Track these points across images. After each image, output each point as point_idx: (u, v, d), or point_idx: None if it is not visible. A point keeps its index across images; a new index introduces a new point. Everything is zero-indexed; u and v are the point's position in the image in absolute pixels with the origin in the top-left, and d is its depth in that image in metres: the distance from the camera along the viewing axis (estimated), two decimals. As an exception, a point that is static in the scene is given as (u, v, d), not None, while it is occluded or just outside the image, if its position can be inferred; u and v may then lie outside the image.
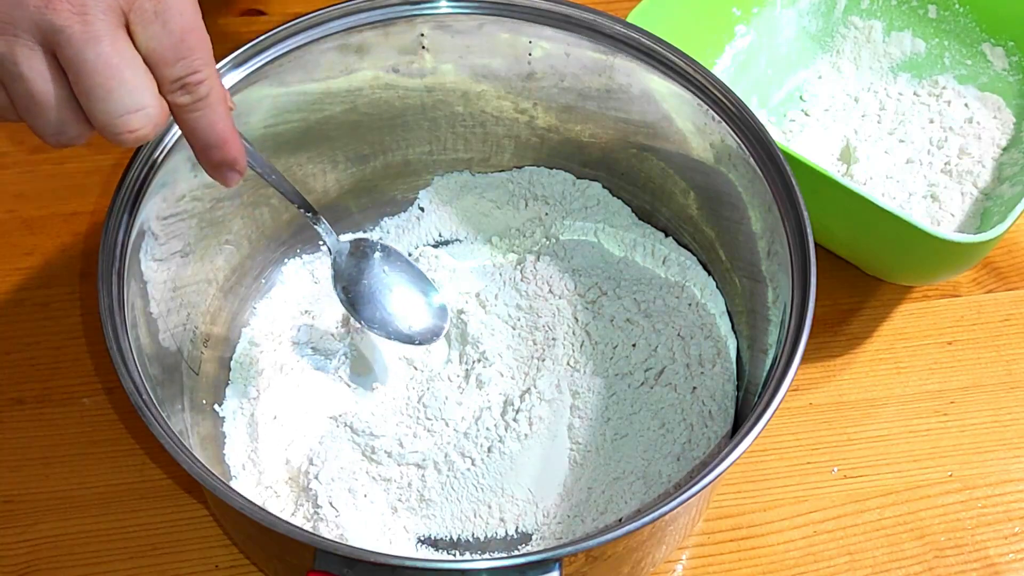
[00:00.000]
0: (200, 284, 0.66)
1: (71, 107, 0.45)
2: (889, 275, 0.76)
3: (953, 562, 0.67)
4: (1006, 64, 0.82)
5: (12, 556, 0.65)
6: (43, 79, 0.45)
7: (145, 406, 0.52)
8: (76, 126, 0.46)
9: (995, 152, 0.79)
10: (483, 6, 0.65)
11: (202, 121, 0.48)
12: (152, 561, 0.65)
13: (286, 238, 0.73)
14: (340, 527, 0.62)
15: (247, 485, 0.64)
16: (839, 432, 0.71)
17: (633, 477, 0.64)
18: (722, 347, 0.68)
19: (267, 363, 0.69)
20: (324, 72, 0.66)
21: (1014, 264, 0.79)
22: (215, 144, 0.49)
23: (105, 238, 0.57)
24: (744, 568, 0.66)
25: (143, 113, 0.45)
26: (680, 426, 0.66)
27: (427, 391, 0.67)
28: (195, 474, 0.50)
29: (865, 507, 0.68)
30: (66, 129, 0.46)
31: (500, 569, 0.48)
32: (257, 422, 0.66)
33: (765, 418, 0.52)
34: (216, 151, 0.49)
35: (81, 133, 0.47)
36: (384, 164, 0.74)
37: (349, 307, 0.65)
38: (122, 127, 0.45)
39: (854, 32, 0.85)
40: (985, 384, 0.74)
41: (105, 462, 0.68)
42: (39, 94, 0.45)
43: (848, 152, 0.79)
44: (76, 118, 0.46)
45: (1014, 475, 0.70)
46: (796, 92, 0.84)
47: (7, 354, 0.72)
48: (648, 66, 0.64)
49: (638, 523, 0.49)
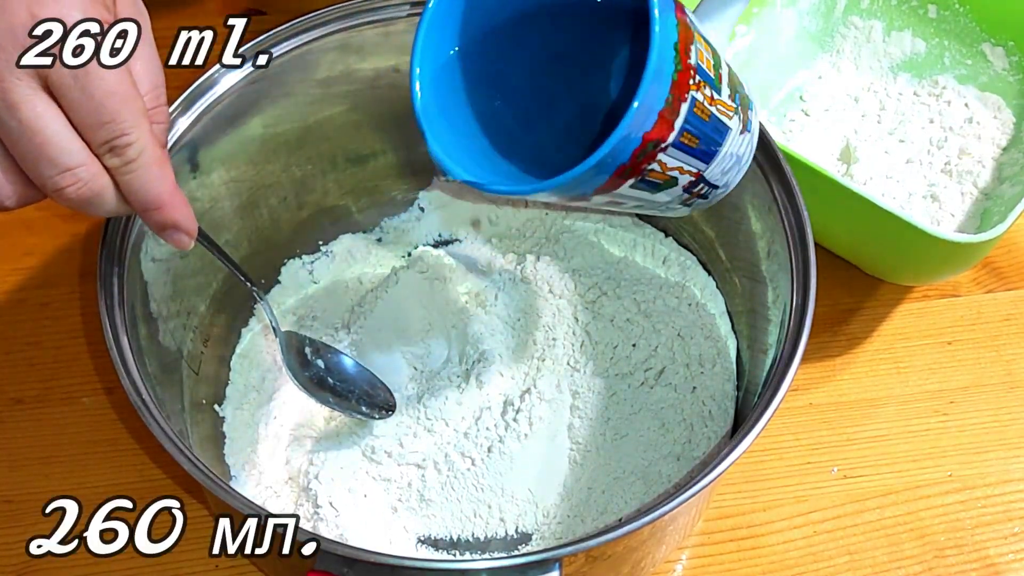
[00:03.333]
0: (200, 284, 0.67)
1: (12, 169, 0.46)
2: (889, 275, 0.76)
3: (953, 562, 0.67)
4: (1006, 64, 0.82)
5: (12, 556, 0.65)
6: None
7: (145, 406, 0.52)
8: (13, 187, 0.46)
9: (995, 152, 0.79)
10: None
11: (135, 183, 0.47)
12: (152, 560, 0.65)
13: (286, 238, 0.73)
14: (340, 527, 0.62)
15: (247, 485, 0.64)
16: (839, 432, 0.71)
17: (633, 477, 0.64)
18: (722, 347, 0.68)
19: (267, 363, 0.69)
20: (324, 72, 0.66)
21: (1014, 264, 0.79)
22: (153, 207, 0.48)
23: (105, 238, 0.57)
24: (744, 568, 0.66)
25: (76, 172, 0.45)
26: (680, 426, 0.66)
27: (427, 391, 0.67)
28: (195, 474, 0.50)
29: (865, 507, 0.68)
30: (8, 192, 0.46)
31: (500, 569, 0.48)
32: (257, 422, 0.66)
33: (765, 418, 0.52)
34: (155, 214, 0.49)
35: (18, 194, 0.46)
36: (384, 164, 0.74)
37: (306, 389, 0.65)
38: (60, 185, 0.45)
39: (854, 32, 0.85)
40: (985, 384, 0.74)
41: (105, 462, 0.68)
42: None
43: (848, 152, 0.79)
44: (15, 179, 0.46)
45: (1014, 475, 0.70)
46: (796, 92, 0.84)
47: (7, 354, 0.72)
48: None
49: (638, 523, 0.49)
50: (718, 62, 0.48)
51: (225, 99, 0.63)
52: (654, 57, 0.42)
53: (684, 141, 0.47)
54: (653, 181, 0.49)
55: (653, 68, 0.42)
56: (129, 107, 0.45)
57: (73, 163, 0.45)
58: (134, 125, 0.46)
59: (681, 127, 0.46)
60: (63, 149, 0.45)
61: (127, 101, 0.45)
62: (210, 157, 0.64)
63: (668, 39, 0.43)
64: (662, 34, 0.42)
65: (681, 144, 0.47)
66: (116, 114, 0.45)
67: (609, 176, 0.46)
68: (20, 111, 0.44)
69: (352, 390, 0.65)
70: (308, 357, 0.65)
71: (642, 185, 0.49)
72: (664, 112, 0.44)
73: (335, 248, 0.75)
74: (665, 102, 0.44)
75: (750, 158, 0.55)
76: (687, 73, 0.44)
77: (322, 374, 0.65)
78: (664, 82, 0.43)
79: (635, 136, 0.44)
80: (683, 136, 0.46)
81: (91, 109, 0.44)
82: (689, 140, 0.47)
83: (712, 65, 0.47)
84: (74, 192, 0.46)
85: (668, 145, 0.46)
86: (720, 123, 0.49)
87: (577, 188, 0.47)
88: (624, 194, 0.49)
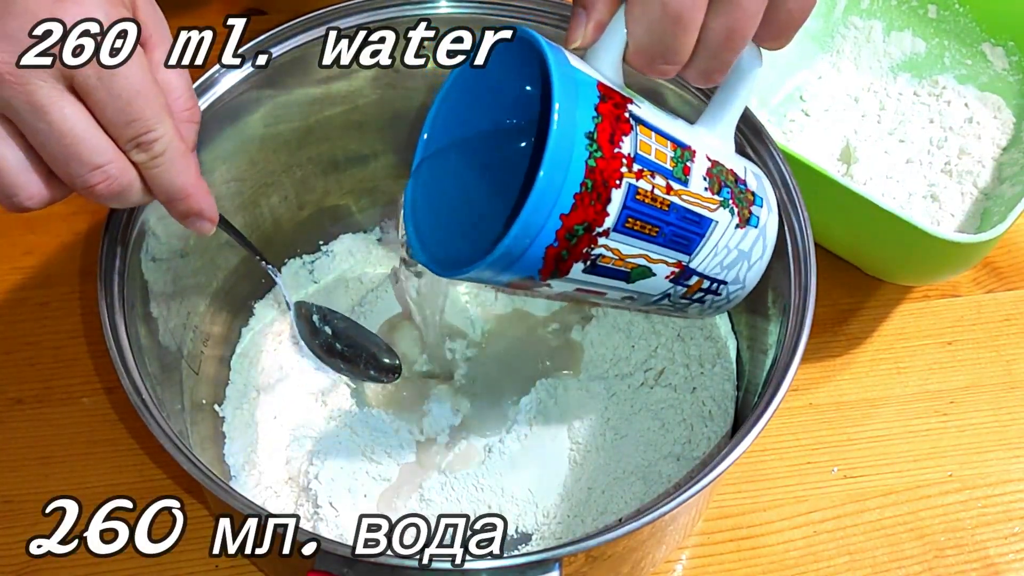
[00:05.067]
0: (200, 284, 0.67)
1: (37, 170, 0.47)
2: (889, 275, 0.76)
3: (953, 562, 0.67)
4: (1006, 64, 0.82)
5: (12, 556, 0.65)
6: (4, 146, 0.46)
7: (145, 406, 0.52)
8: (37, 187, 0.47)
9: (995, 152, 0.79)
10: (483, 6, 0.65)
11: (163, 176, 0.49)
12: (152, 560, 0.65)
13: (286, 238, 0.73)
14: (340, 527, 0.62)
15: (247, 485, 0.64)
16: (839, 432, 0.71)
17: (633, 477, 0.64)
18: (722, 347, 0.68)
19: (267, 363, 0.69)
20: (324, 72, 0.66)
21: (1014, 264, 0.79)
22: (179, 197, 0.50)
23: (105, 238, 0.57)
24: (744, 568, 0.66)
25: (105, 169, 0.47)
26: (680, 426, 0.66)
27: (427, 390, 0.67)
28: (195, 474, 0.50)
29: (865, 507, 0.68)
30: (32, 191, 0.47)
31: (500, 569, 0.48)
32: (257, 422, 0.66)
33: (765, 418, 0.52)
34: (181, 203, 0.51)
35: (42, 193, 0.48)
36: (384, 164, 0.74)
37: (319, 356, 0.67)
38: (91, 183, 0.47)
39: (854, 32, 0.85)
40: (985, 384, 0.74)
41: (105, 462, 0.68)
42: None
43: (848, 152, 0.79)
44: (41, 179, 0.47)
45: (1014, 475, 0.70)
46: (796, 92, 0.84)
47: (7, 354, 0.73)
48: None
49: (638, 523, 0.49)
50: (685, 156, 0.51)
51: (225, 99, 0.63)
52: (551, 143, 0.46)
53: (635, 228, 0.50)
54: (615, 268, 0.51)
55: (551, 151, 0.46)
56: (153, 104, 0.47)
57: (103, 160, 0.46)
58: (159, 121, 0.47)
59: (621, 213, 0.49)
60: (92, 148, 0.46)
61: (151, 98, 0.47)
62: (210, 157, 0.64)
63: (573, 127, 0.46)
64: (561, 120, 0.46)
65: (630, 231, 0.50)
66: (142, 112, 0.46)
67: (543, 258, 0.48)
68: (49, 113, 0.45)
69: (360, 355, 0.68)
70: (316, 324, 0.67)
71: (602, 272, 0.51)
72: (583, 197, 0.47)
73: (335, 248, 0.75)
74: (581, 187, 0.47)
75: (764, 253, 0.57)
76: (615, 161, 0.47)
77: (330, 340, 0.67)
78: (570, 167, 0.46)
79: (548, 218, 0.47)
80: (629, 222, 0.49)
81: (118, 108, 0.46)
82: (642, 227, 0.50)
83: (671, 159, 0.50)
84: (104, 188, 0.47)
85: (609, 230, 0.49)
86: (691, 213, 0.51)
87: (515, 269, 0.49)
88: (589, 282, 0.51)
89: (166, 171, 0.49)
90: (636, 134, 0.49)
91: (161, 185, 0.49)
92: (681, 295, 0.55)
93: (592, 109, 0.47)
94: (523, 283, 0.50)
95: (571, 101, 0.46)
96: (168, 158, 0.48)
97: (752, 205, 0.55)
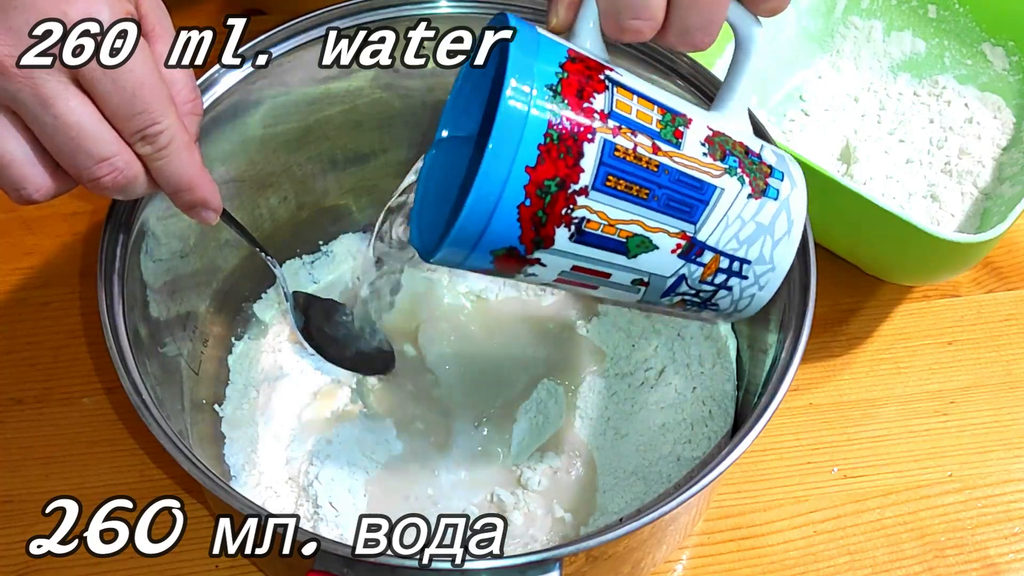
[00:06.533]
0: (200, 284, 0.67)
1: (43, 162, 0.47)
2: (889, 275, 0.76)
3: (953, 562, 0.66)
4: (1006, 64, 0.82)
5: (12, 556, 0.65)
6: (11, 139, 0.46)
7: (145, 406, 0.52)
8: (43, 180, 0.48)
9: (995, 152, 0.79)
10: (483, 6, 0.65)
11: (168, 168, 0.49)
12: (152, 560, 0.65)
13: (286, 238, 0.73)
14: (340, 527, 0.62)
15: (247, 485, 0.64)
16: (839, 432, 0.71)
17: (633, 477, 0.64)
18: (722, 347, 0.68)
19: (267, 363, 0.69)
20: (324, 72, 0.66)
21: (1014, 264, 0.79)
22: (184, 188, 0.51)
23: (105, 238, 0.57)
24: (744, 568, 0.66)
25: (112, 161, 0.47)
26: (680, 426, 0.66)
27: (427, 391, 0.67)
28: (195, 474, 0.50)
29: (865, 507, 0.68)
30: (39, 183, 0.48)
31: (500, 569, 0.48)
32: (257, 422, 0.66)
33: (765, 418, 0.52)
34: (186, 194, 0.51)
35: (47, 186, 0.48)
36: (384, 164, 0.74)
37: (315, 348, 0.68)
38: (97, 175, 0.47)
39: (854, 32, 0.85)
40: (985, 384, 0.74)
41: (105, 462, 0.68)
42: (6, 153, 0.47)
43: (848, 152, 0.79)
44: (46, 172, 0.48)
45: (1014, 475, 0.70)
46: (796, 92, 0.84)
47: (7, 354, 0.72)
48: (648, 66, 0.64)
49: (638, 523, 0.49)
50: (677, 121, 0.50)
51: (225, 99, 0.63)
52: (505, 88, 0.45)
53: (619, 188, 0.47)
54: (607, 237, 0.49)
55: (505, 96, 0.45)
56: (158, 97, 0.47)
57: (109, 153, 0.47)
58: (164, 114, 0.48)
59: (599, 169, 0.47)
60: (98, 140, 0.46)
61: (156, 91, 0.47)
62: (210, 157, 0.64)
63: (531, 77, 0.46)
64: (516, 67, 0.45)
65: (613, 190, 0.47)
66: (147, 104, 0.47)
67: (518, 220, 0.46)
68: (55, 106, 0.45)
69: (354, 346, 0.68)
70: (312, 315, 0.68)
71: (593, 241, 0.48)
72: (548, 149, 0.46)
73: (335, 248, 0.75)
74: (545, 137, 0.45)
75: (792, 230, 0.53)
76: (585, 114, 0.46)
77: (326, 329, 0.68)
78: (529, 116, 0.45)
79: (512, 167, 0.45)
80: (610, 180, 0.47)
81: (123, 100, 0.46)
82: (628, 187, 0.48)
83: (658, 121, 0.49)
84: (110, 180, 0.48)
85: (587, 188, 0.47)
86: (686, 176, 0.49)
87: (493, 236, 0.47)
88: (583, 256, 0.49)
89: (171, 163, 0.49)
90: (612, 93, 0.47)
91: (166, 177, 0.50)
92: (699, 278, 0.52)
93: (556, 66, 0.46)
94: (511, 262, 0.49)
95: (530, 55, 0.46)
96: (173, 150, 0.49)
97: (769, 177, 0.52)
